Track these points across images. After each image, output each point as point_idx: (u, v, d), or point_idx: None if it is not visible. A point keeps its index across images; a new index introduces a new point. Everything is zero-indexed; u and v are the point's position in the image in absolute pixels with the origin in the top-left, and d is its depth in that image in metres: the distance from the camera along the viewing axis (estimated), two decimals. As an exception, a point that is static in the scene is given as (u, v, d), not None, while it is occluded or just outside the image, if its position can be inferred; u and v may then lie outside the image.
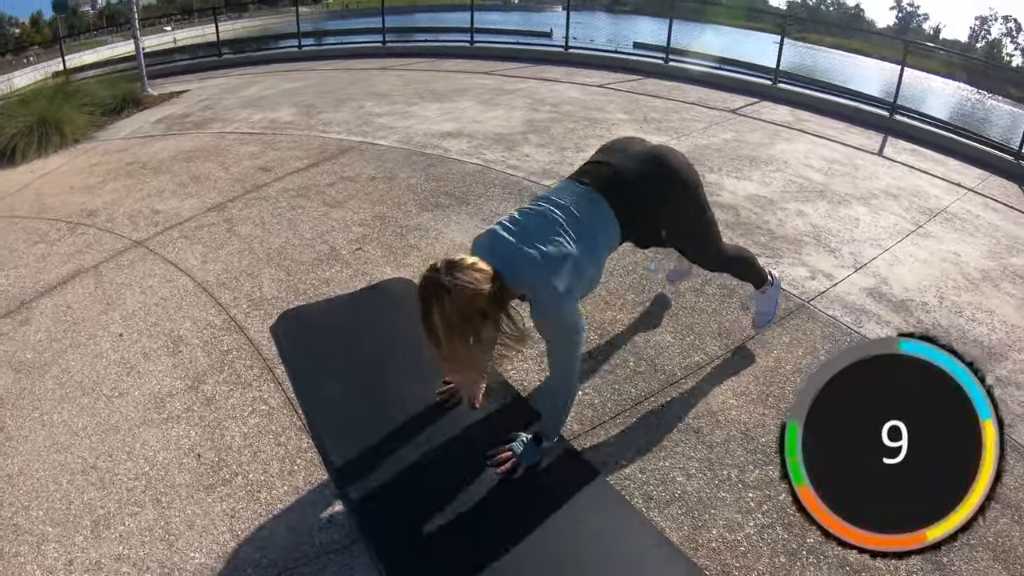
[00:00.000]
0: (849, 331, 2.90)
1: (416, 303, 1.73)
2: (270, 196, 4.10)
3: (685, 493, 2.05)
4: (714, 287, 3.11)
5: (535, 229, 1.88)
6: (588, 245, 1.93)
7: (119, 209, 4.04)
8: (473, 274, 1.71)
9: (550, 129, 5.42)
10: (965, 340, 2.97)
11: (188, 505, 2.00)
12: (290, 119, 5.88)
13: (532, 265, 1.80)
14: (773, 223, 3.87)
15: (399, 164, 4.59)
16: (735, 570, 1.83)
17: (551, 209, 1.95)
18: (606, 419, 2.33)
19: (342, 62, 8.95)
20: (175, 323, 2.88)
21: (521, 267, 1.80)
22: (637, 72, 8.03)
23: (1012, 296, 3.44)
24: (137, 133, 5.98)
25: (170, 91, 7.63)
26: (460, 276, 1.68)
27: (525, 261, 1.81)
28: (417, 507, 1.93)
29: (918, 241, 3.88)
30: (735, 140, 5.41)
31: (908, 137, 6.22)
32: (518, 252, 1.82)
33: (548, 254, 1.82)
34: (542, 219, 1.92)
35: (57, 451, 2.23)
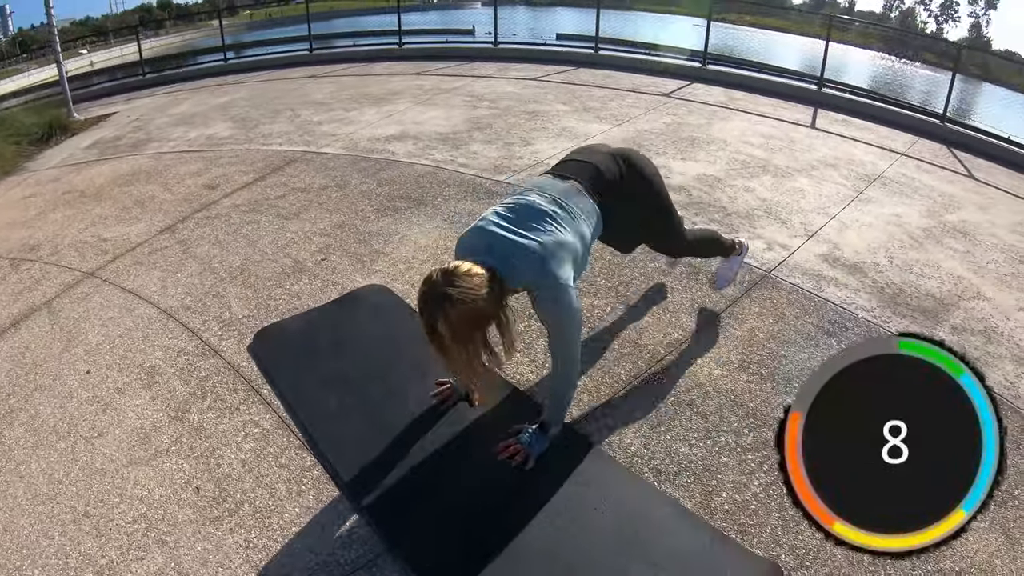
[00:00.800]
0: (812, 296, 3.04)
1: (419, 317, 1.73)
2: (221, 213, 3.99)
3: (690, 463, 2.13)
4: (681, 265, 3.20)
5: (527, 219, 1.91)
6: (577, 232, 1.97)
7: (63, 240, 3.85)
8: (471, 279, 1.72)
9: (493, 125, 5.44)
10: (919, 294, 3.16)
11: (197, 542, 1.91)
12: (228, 134, 5.72)
13: (530, 257, 1.83)
14: (724, 200, 4.00)
15: (348, 171, 4.53)
16: (750, 527, 1.91)
17: (538, 200, 1.98)
18: (602, 402, 2.38)
19: (271, 73, 8.75)
20: (145, 354, 2.77)
21: (519, 261, 1.82)
22: (569, 63, 8.14)
23: (955, 250, 3.67)
24: (69, 160, 5.71)
25: (98, 114, 7.32)
26: (459, 284, 1.69)
27: (522, 253, 1.83)
28: (437, 511, 1.93)
29: (861, 207, 4.09)
30: (675, 123, 5.56)
31: (837, 108, 6.53)
32: (515, 245, 1.84)
33: (545, 243, 1.85)
34: (531, 209, 1.95)
35: (42, 503, 2.09)
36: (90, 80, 11.26)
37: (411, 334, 2.68)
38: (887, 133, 5.90)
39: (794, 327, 2.82)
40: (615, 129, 5.35)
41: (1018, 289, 3.36)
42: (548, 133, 5.22)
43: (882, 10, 59.33)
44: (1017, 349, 2.86)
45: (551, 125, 5.43)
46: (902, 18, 57.37)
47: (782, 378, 2.51)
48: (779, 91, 6.98)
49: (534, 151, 4.77)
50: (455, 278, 1.70)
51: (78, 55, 28.27)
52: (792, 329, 2.80)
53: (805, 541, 1.87)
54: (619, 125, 5.46)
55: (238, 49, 15.32)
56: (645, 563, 1.75)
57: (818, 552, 1.83)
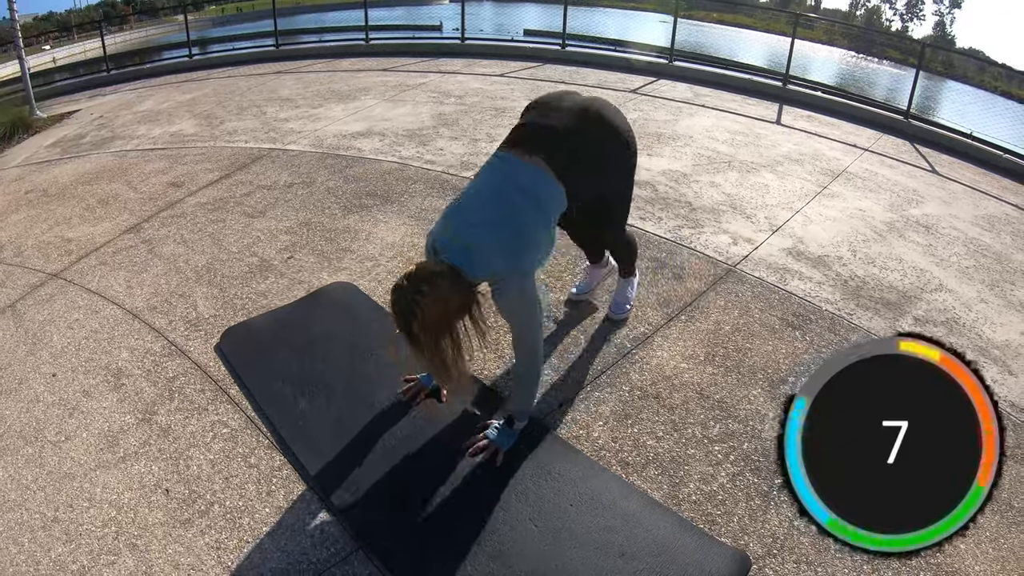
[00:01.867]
0: (776, 289, 3.11)
1: (393, 321, 1.77)
2: (186, 212, 3.94)
3: (658, 455, 2.17)
4: (646, 260, 3.24)
5: (483, 210, 1.92)
6: (536, 212, 1.95)
7: (26, 241, 3.77)
8: (434, 280, 1.74)
9: (459, 121, 5.45)
10: (882, 287, 3.25)
11: (168, 544, 1.91)
12: (193, 131, 5.63)
13: (489, 248, 1.84)
14: (690, 195, 4.06)
15: (315, 168, 4.50)
16: (718, 517, 1.96)
17: (491, 186, 1.98)
18: (570, 396, 2.41)
19: (236, 68, 8.61)
20: (111, 355, 2.74)
21: (479, 253, 1.83)
22: (536, 59, 8.15)
23: (917, 244, 3.78)
24: (32, 159, 5.57)
25: (60, 112, 7.14)
26: (424, 286, 1.72)
27: (482, 247, 1.84)
28: (408, 508, 1.94)
29: (825, 201, 4.18)
30: (641, 119, 5.61)
31: (802, 104, 6.66)
32: (476, 236, 1.85)
33: (502, 237, 1.86)
34: (486, 199, 1.95)
35: (9, 509, 2.06)
36: (53, 77, 10.98)
37: (379, 331, 2.72)
38: (851, 129, 6.03)
39: (759, 320, 2.88)
40: (584, 125, 5.37)
41: (979, 281, 3.48)
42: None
43: (848, 8, 60.37)
44: (979, 340, 2.96)
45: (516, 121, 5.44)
46: (868, 16, 58.42)
47: (747, 370, 2.57)
48: (745, 87, 7.09)
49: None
50: (420, 283, 1.73)
51: (40, 51, 27.54)
52: (757, 322, 2.87)
53: (772, 529, 1.92)
54: (588, 121, 5.49)
55: (203, 45, 15.09)
56: (615, 555, 1.79)
57: (785, 540, 1.89)
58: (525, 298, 1.90)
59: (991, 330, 3.05)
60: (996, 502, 2.06)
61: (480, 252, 1.83)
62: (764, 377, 2.54)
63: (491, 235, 1.86)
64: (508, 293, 1.88)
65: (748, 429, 2.28)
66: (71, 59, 20.83)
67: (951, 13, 57.92)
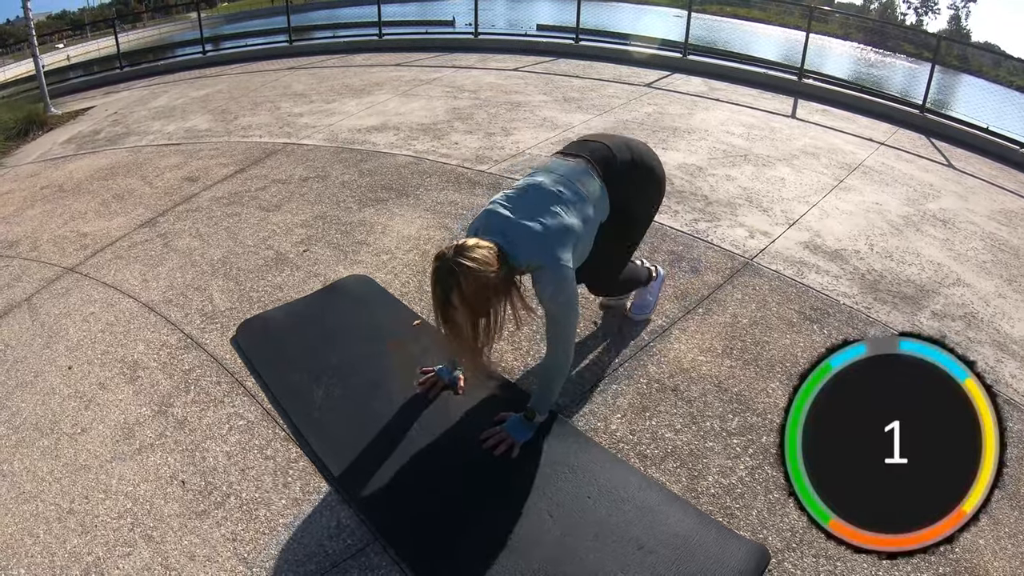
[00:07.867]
0: (793, 282, 3.08)
1: (432, 292, 1.77)
2: (202, 206, 3.95)
3: (676, 447, 2.15)
4: (663, 253, 3.22)
5: (534, 202, 1.93)
6: (583, 217, 1.99)
7: (42, 236, 3.79)
8: (481, 251, 1.75)
9: (474, 115, 5.43)
10: (899, 281, 3.21)
11: (183, 536, 1.90)
12: (207, 127, 5.65)
13: (535, 239, 1.85)
14: (706, 189, 4.03)
15: (329, 162, 4.50)
16: (737, 511, 1.94)
17: (545, 181, 2.00)
18: (588, 388, 2.39)
19: (249, 65, 8.64)
20: (127, 348, 2.74)
21: (525, 242, 1.84)
22: (549, 54, 8.13)
23: (934, 238, 3.73)
24: (47, 155, 5.61)
25: (75, 109, 7.20)
26: (469, 255, 1.72)
27: (528, 236, 1.85)
28: (425, 500, 1.93)
29: (841, 195, 4.13)
30: (656, 113, 5.58)
31: (817, 99, 6.60)
32: (519, 227, 1.86)
33: (549, 227, 1.88)
34: (538, 191, 1.97)
35: (25, 501, 2.06)
36: (67, 74, 11.09)
37: (395, 323, 2.71)
38: (867, 123, 5.97)
39: (776, 313, 2.85)
40: (596, 119, 5.36)
41: (997, 276, 3.43)
42: (529, 123, 5.22)
43: (862, 2, 59.73)
44: (997, 335, 2.91)
45: (532, 115, 5.43)
46: (882, 10, 57.81)
47: (765, 363, 2.54)
48: (760, 81, 7.04)
49: (515, 141, 4.76)
50: (465, 250, 1.73)
51: (55, 49, 27.81)
52: (774, 315, 2.83)
53: (791, 523, 1.90)
54: (600, 115, 5.47)
55: (217, 41, 15.18)
56: (633, 547, 1.77)
57: (804, 534, 1.86)
58: (565, 292, 1.90)
59: (1009, 325, 3.00)
60: (1016, 497, 2.05)
61: (521, 241, 1.85)
62: (782, 370, 2.50)
63: (532, 225, 1.87)
64: (548, 284, 1.88)
65: (767, 422, 2.25)
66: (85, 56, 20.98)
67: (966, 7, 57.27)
